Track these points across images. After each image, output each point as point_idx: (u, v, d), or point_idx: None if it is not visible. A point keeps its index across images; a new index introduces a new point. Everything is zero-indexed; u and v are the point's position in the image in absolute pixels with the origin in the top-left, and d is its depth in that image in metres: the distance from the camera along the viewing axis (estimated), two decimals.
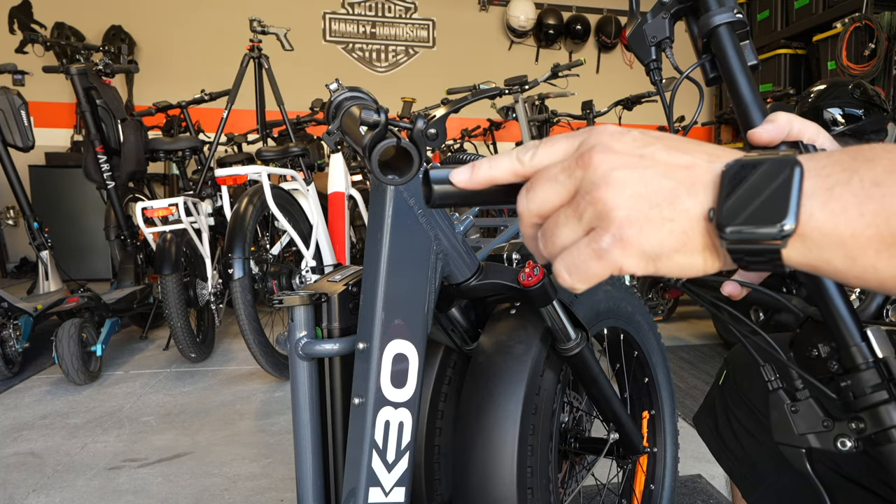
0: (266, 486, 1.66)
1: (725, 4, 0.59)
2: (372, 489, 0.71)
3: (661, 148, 0.35)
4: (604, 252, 0.34)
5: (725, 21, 0.59)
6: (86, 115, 2.93)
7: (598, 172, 0.34)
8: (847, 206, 0.31)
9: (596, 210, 0.34)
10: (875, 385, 0.49)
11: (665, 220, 0.33)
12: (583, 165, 0.35)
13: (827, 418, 0.52)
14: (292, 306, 0.74)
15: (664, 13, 0.64)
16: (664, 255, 0.34)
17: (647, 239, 0.33)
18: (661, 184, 0.34)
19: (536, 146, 0.39)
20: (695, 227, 0.33)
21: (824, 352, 0.54)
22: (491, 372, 0.83)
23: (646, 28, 0.65)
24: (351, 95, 0.73)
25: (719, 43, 0.59)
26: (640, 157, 0.35)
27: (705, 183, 0.34)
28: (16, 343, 2.51)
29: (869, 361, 0.49)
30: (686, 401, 2.27)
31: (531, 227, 0.39)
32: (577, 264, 0.35)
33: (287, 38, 3.76)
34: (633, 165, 0.34)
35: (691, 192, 0.33)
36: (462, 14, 6.54)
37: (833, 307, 0.50)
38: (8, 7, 5.21)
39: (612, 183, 0.34)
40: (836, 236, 0.31)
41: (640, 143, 0.36)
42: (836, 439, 0.51)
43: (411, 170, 0.54)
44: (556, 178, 0.37)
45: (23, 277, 5.06)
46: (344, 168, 3.00)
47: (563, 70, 3.52)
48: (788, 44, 5.12)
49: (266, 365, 2.38)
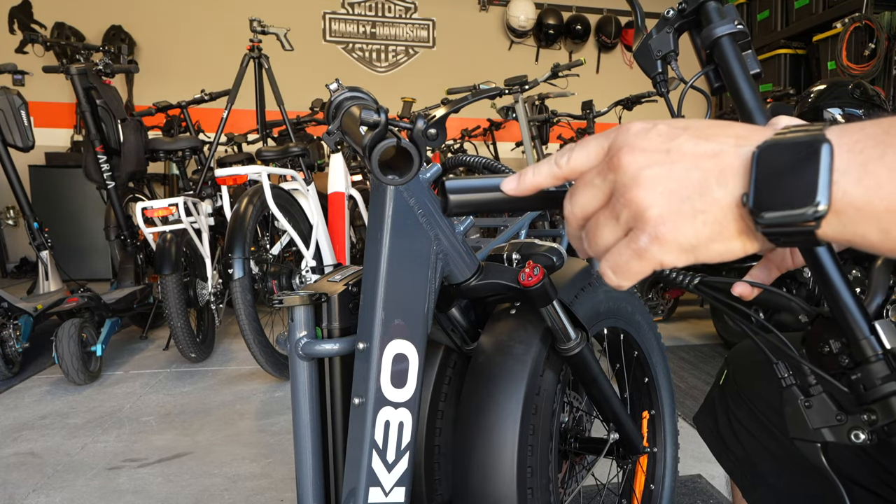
0: (266, 486, 1.66)
1: (727, 16, 0.61)
2: (372, 489, 0.71)
3: (688, 138, 0.36)
4: (643, 251, 0.36)
5: (727, 32, 0.60)
6: (86, 115, 2.93)
7: (629, 174, 0.36)
8: (881, 181, 0.31)
9: (631, 211, 0.36)
10: (885, 376, 0.49)
11: (697, 213, 0.34)
12: (614, 168, 0.37)
13: (840, 412, 0.53)
14: (292, 306, 0.74)
15: (668, 28, 0.66)
16: (701, 245, 0.35)
17: (683, 233, 0.35)
18: (690, 176, 0.35)
19: (572, 149, 0.41)
20: (728, 214, 0.34)
21: (835, 347, 0.54)
22: (491, 372, 0.83)
23: (651, 43, 0.67)
24: (351, 95, 0.73)
25: (722, 53, 0.61)
26: (667, 153, 0.36)
27: (735, 169, 0.34)
28: (16, 343, 2.51)
29: (878, 354, 0.49)
30: (686, 401, 2.27)
31: (577, 229, 0.41)
32: (619, 264, 0.37)
33: (287, 38, 3.77)
34: (660, 162, 0.35)
35: (720, 180, 0.34)
36: (462, 14, 6.54)
37: (842, 302, 0.51)
38: (8, 7, 5.21)
39: (642, 183, 0.35)
40: (871, 211, 0.31)
41: (667, 136, 0.36)
42: (849, 432, 0.52)
43: (411, 170, 0.54)
44: (593, 183, 0.39)
45: (23, 277, 5.06)
46: (344, 168, 3.00)
47: (563, 70, 3.52)
48: (788, 44, 5.12)
49: (266, 365, 2.38)
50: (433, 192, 0.72)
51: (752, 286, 0.56)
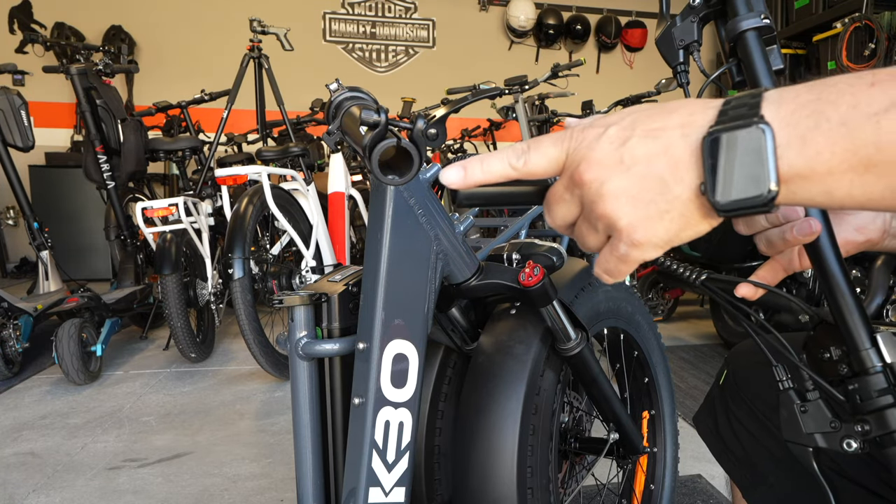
0: (266, 486, 1.66)
1: (754, 9, 0.59)
2: (372, 489, 0.71)
3: (637, 140, 0.38)
4: (625, 256, 0.40)
5: (752, 26, 0.59)
6: (86, 115, 2.93)
7: (592, 189, 0.39)
8: (820, 149, 0.34)
9: (604, 223, 0.40)
10: (881, 389, 0.49)
11: (663, 213, 0.37)
12: (577, 184, 0.40)
13: (835, 419, 0.53)
14: (292, 306, 0.74)
15: (693, 16, 0.64)
16: (674, 237, 0.39)
17: (655, 233, 0.38)
18: (648, 180, 0.37)
19: (525, 151, 0.43)
20: (689, 206, 0.37)
21: (836, 355, 0.54)
22: (491, 372, 0.83)
23: (674, 31, 0.65)
24: (351, 95, 0.73)
25: (746, 48, 0.59)
26: (620, 162, 0.38)
27: (686, 162, 0.37)
28: (16, 343, 2.51)
29: (877, 366, 0.50)
30: (686, 401, 2.27)
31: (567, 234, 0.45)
32: (609, 269, 0.42)
33: (287, 38, 3.77)
34: (618, 173, 0.38)
35: (676, 177, 0.37)
36: (462, 14, 6.54)
37: (846, 311, 0.51)
38: (8, 7, 5.21)
39: (606, 197, 0.38)
40: (815, 177, 0.34)
41: (617, 141, 0.39)
42: (842, 440, 0.52)
43: (411, 170, 0.54)
44: (563, 198, 0.42)
45: (23, 277, 5.06)
46: (344, 168, 3.00)
47: (563, 70, 3.52)
48: (788, 44, 5.12)
49: (266, 365, 2.38)
50: (433, 192, 0.72)
51: (755, 287, 0.56)
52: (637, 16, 6.75)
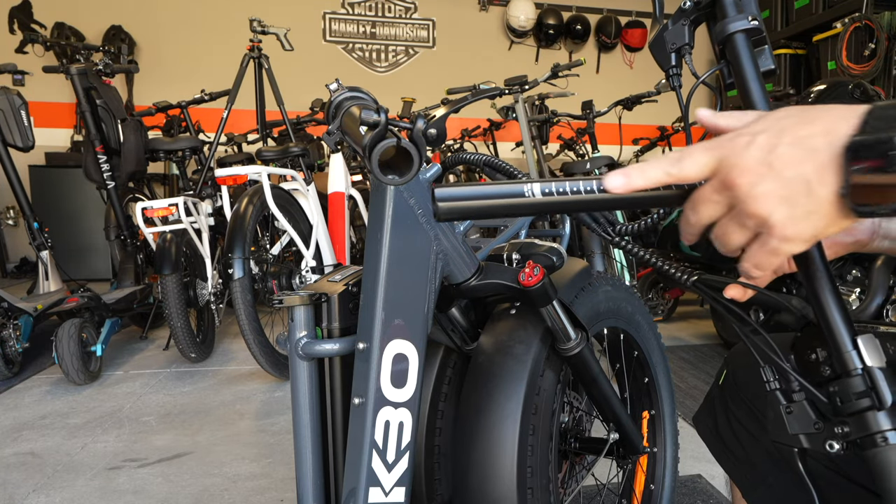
0: (266, 486, 1.66)
1: (743, 10, 0.59)
2: (372, 489, 0.71)
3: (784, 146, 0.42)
4: (776, 250, 0.44)
5: (740, 28, 0.59)
6: (86, 115, 2.93)
7: (743, 191, 0.44)
8: None
9: (756, 221, 0.44)
10: (860, 392, 0.50)
11: (810, 213, 0.42)
12: (729, 187, 0.45)
13: (819, 420, 0.54)
14: (292, 306, 0.74)
15: (684, 20, 0.65)
16: (819, 234, 0.43)
17: (803, 230, 0.43)
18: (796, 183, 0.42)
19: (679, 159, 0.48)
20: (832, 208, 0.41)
21: (821, 356, 0.55)
22: (491, 372, 0.83)
23: (666, 35, 0.66)
24: (351, 95, 0.73)
25: (734, 50, 0.59)
26: (770, 167, 0.42)
27: (830, 167, 0.41)
28: (16, 343, 2.51)
29: (858, 368, 0.51)
30: (686, 401, 2.27)
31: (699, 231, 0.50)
32: (759, 262, 0.46)
33: (287, 38, 3.77)
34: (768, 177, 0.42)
35: (821, 180, 0.41)
36: (462, 14, 6.54)
37: (829, 313, 0.52)
38: (8, 7, 5.21)
39: (758, 198, 0.43)
40: None
41: (766, 148, 0.43)
42: (825, 441, 0.53)
43: (411, 170, 0.54)
44: (712, 199, 0.47)
45: (23, 277, 5.06)
46: (344, 168, 3.00)
47: (563, 70, 3.51)
48: (788, 44, 5.12)
49: (266, 365, 2.38)
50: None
51: (744, 288, 0.56)
52: (637, 16, 6.75)
